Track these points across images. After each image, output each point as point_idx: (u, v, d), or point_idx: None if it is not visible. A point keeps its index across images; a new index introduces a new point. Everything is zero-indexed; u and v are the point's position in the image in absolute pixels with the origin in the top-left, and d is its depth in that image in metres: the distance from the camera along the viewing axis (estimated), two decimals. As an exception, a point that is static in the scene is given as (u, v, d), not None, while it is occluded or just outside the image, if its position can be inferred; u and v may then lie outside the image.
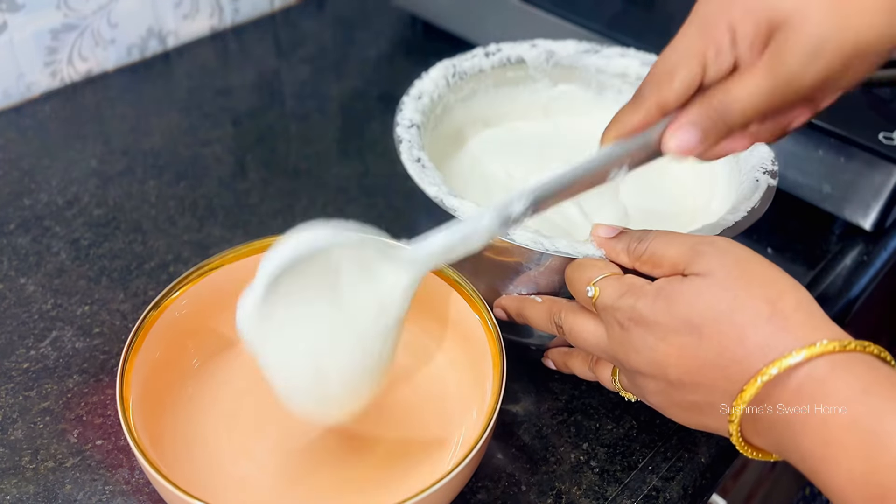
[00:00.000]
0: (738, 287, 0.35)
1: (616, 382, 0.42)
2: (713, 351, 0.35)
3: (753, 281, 0.35)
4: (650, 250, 0.39)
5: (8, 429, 0.46)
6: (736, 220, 0.45)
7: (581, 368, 0.45)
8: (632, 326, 0.37)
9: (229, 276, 0.46)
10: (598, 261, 0.41)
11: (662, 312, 0.36)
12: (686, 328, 0.35)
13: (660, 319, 0.36)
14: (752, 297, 0.34)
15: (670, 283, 0.37)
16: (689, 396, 0.37)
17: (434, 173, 0.46)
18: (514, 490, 0.44)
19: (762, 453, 0.36)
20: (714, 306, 0.35)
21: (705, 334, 0.35)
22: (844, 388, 0.31)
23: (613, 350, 0.39)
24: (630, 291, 0.38)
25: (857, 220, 0.59)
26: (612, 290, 0.39)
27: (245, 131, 0.70)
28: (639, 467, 0.46)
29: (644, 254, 0.39)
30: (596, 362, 0.44)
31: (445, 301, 0.46)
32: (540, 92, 0.59)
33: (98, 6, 0.71)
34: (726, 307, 0.34)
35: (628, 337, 0.37)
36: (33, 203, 0.61)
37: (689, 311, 0.35)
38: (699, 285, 0.36)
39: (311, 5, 0.88)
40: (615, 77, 0.57)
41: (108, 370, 0.49)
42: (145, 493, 0.43)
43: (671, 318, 0.36)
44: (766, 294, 0.34)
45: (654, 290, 0.37)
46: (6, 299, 0.54)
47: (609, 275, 0.40)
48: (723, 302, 0.35)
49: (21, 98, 0.71)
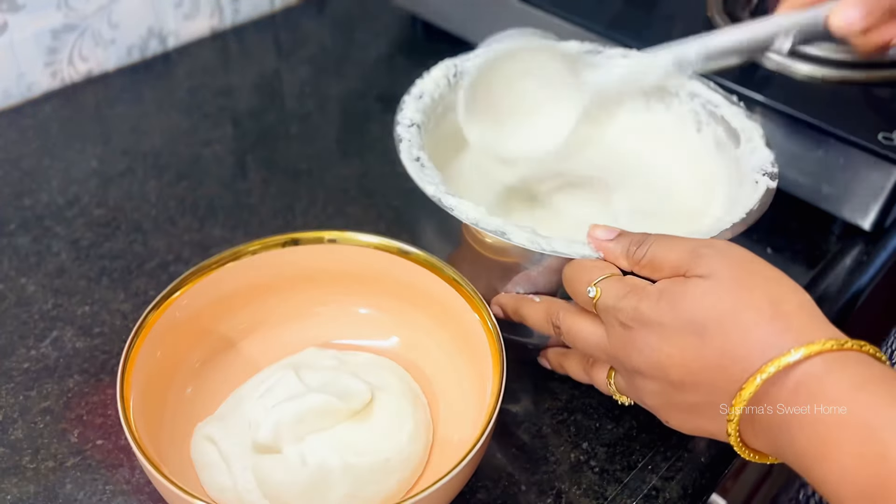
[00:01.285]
0: (741, 288, 0.35)
1: (612, 385, 0.42)
2: (715, 351, 0.35)
3: (755, 282, 0.35)
4: (650, 255, 0.39)
5: (8, 428, 0.46)
6: (734, 221, 0.45)
7: (576, 370, 0.45)
8: (634, 327, 0.37)
9: (229, 276, 0.46)
10: (598, 261, 0.41)
11: (666, 313, 0.36)
12: (689, 328, 0.35)
13: (663, 320, 0.36)
14: (754, 297, 0.35)
15: (673, 284, 0.37)
16: (689, 397, 0.37)
17: (433, 172, 0.46)
18: (514, 490, 0.44)
19: (759, 455, 0.36)
20: (717, 307, 0.35)
21: (708, 335, 0.35)
22: (839, 386, 0.32)
23: (614, 351, 0.39)
24: (632, 292, 0.38)
25: (857, 220, 0.59)
26: (614, 291, 0.39)
27: (245, 131, 0.70)
28: (638, 467, 0.46)
29: (643, 258, 0.39)
30: (592, 364, 0.44)
31: (445, 301, 0.46)
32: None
33: (98, 6, 0.71)
34: (729, 308, 0.35)
35: (630, 338, 0.37)
36: (34, 203, 0.61)
37: (692, 311, 0.35)
38: (702, 286, 0.36)
39: (312, 5, 0.88)
40: None
41: (108, 370, 0.49)
42: (145, 493, 0.43)
43: (674, 319, 0.36)
44: (769, 295, 0.35)
45: (657, 290, 0.37)
46: (6, 299, 0.54)
47: (610, 276, 0.40)
48: (725, 302, 0.35)
49: (21, 98, 0.71)
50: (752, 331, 0.34)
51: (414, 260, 0.47)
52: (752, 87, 0.59)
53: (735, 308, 0.34)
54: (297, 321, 0.50)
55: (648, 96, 0.57)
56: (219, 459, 0.42)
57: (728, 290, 0.35)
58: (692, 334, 0.35)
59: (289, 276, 0.49)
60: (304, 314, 0.50)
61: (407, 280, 0.47)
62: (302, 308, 0.50)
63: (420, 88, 0.53)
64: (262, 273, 0.48)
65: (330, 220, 0.61)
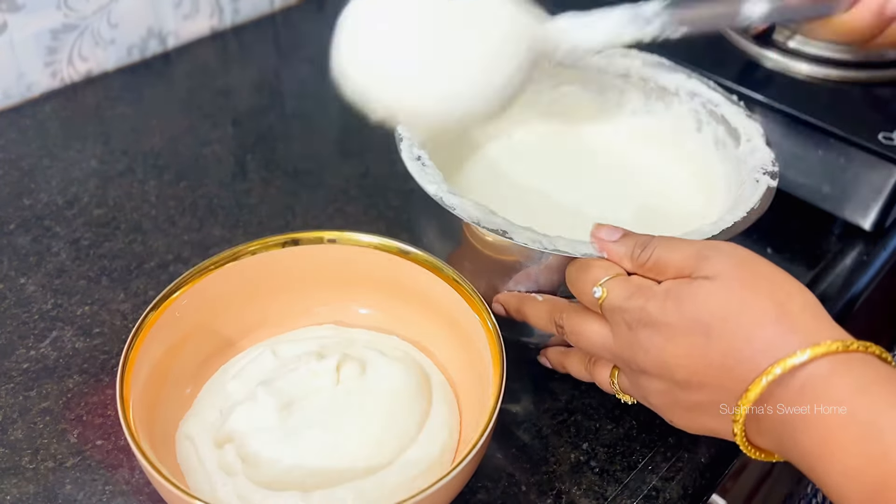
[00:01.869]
0: (747, 288, 0.35)
1: (615, 384, 0.42)
2: (721, 351, 0.35)
3: (761, 283, 0.35)
4: (654, 257, 0.39)
5: (8, 429, 0.46)
6: (735, 220, 0.45)
7: (577, 369, 0.45)
8: (640, 327, 0.37)
9: (229, 276, 0.46)
10: (602, 261, 0.41)
11: (672, 313, 0.36)
12: (695, 328, 0.35)
13: (669, 320, 0.36)
14: (759, 298, 0.35)
15: (679, 284, 0.37)
16: (694, 397, 0.37)
17: (434, 171, 0.46)
18: (514, 490, 0.44)
19: (765, 453, 0.36)
20: (723, 307, 0.35)
21: (714, 334, 0.35)
22: (844, 387, 0.32)
23: (619, 350, 0.39)
24: (639, 292, 0.38)
25: (857, 220, 0.59)
26: (620, 291, 0.39)
27: (245, 131, 0.70)
28: (639, 467, 0.46)
29: (648, 261, 0.39)
30: (594, 363, 0.44)
31: (445, 301, 0.46)
32: (542, 92, 0.59)
33: (98, 6, 0.71)
34: (735, 308, 0.35)
35: (636, 338, 0.37)
36: (33, 203, 0.61)
37: (699, 311, 0.35)
38: (708, 287, 0.36)
39: (311, 5, 0.88)
40: (617, 77, 0.57)
41: (108, 370, 0.49)
42: (145, 493, 0.43)
43: (680, 319, 0.36)
44: (774, 295, 0.35)
45: (664, 291, 0.37)
46: (6, 299, 0.54)
47: (616, 276, 0.39)
48: (732, 303, 0.35)
49: (21, 98, 0.71)
50: (757, 331, 0.34)
51: (414, 260, 0.47)
52: (752, 86, 0.59)
53: (741, 309, 0.35)
54: (297, 321, 0.50)
55: (648, 95, 0.57)
56: (197, 464, 0.41)
57: (733, 290, 0.35)
58: (698, 334, 0.35)
59: (289, 276, 0.49)
60: (304, 314, 0.50)
61: (407, 280, 0.47)
62: (302, 308, 0.50)
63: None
64: (262, 273, 0.48)
65: (330, 220, 0.61)
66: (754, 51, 0.63)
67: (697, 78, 0.55)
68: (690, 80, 0.55)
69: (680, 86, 0.55)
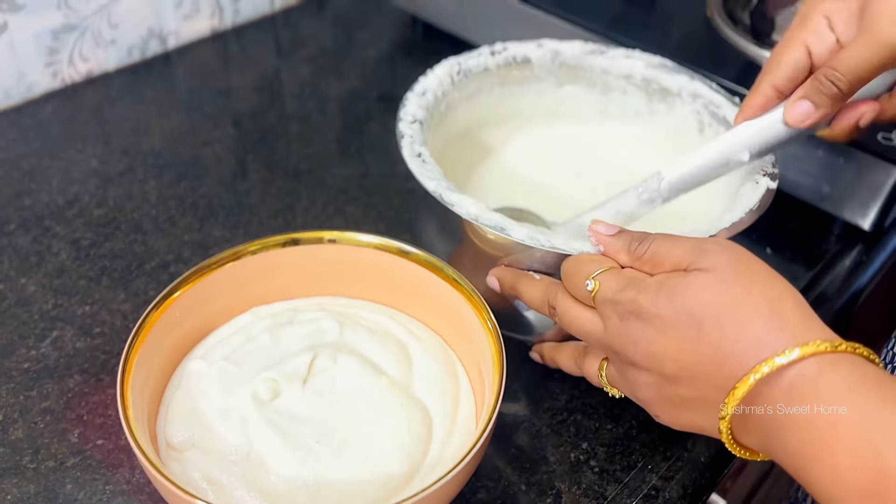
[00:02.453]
0: (740, 284, 0.35)
1: (603, 377, 0.42)
2: (711, 345, 0.35)
3: (754, 279, 0.35)
4: (652, 250, 0.39)
5: (9, 428, 0.46)
6: (734, 220, 0.45)
7: (568, 363, 0.45)
8: (632, 319, 0.37)
9: (229, 276, 0.46)
10: (596, 256, 0.41)
11: (664, 305, 0.36)
12: (686, 322, 0.35)
13: (661, 312, 0.36)
14: (752, 294, 0.35)
15: (672, 277, 0.37)
16: (682, 391, 0.37)
17: (434, 168, 0.46)
18: (514, 490, 0.44)
19: (750, 452, 0.36)
20: (715, 301, 0.35)
21: (705, 328, 0.35)
22: (832, 388, 0.32)
23: (609, 341, 0.39)
24: (631, 284, 0.38)
25: (856, 220, 0.59)
26: (612, 283, 0.39)
27: (245, 131, 0.70)
28: (638, 467, 0.46)
29: (645, 254, 0.39)
30: (584, 356, 0.44)
31: (445, 301, 0.46)
32: (545, 92, 0.59)
33: (98, 6, 0.72)
34: (727, 302, 0.35)
35: (627, 329, 0.37)
36: (34, 203, 0.61)
37: (691, 304, 0.35)
38: (701, 280, 0.36)
39: (312, 6, 0.88)
40: (620, 78, 0.57)
41: (108, 370, 0.50)
42: (145, 493, 0.43)
43: (672, 311, 0.36)
44: (766, 293, 0.35)
45: (656, 283, 0.37)
46: (7, 299, 0.54)
47: (608, 269, 0.40)
48: (724, 297, 0.35)
49: (21, 98, 0.71)
50: (748, 326, 0.34)
51: (414, 260, 0.47)
52: (752, 87, 0.59)
53: (733, 303, 0.35)
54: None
55: (651, 97, 0.57)
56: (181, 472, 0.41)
57: (727, 283, 0.35)
58: (689, 327, 0.35)
59: (289, 276, 0.49)
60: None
61: (407, 280, 0.47)
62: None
63: (423, 85, 0.53)
64: (262, 273, 0.48)
65: (330, 220, 0.61)
66: (755, 52, 0.63)
67: (700, 79, 0.55)
68: (693, 81, 0.55)
69: (682, 87, 0.55)
